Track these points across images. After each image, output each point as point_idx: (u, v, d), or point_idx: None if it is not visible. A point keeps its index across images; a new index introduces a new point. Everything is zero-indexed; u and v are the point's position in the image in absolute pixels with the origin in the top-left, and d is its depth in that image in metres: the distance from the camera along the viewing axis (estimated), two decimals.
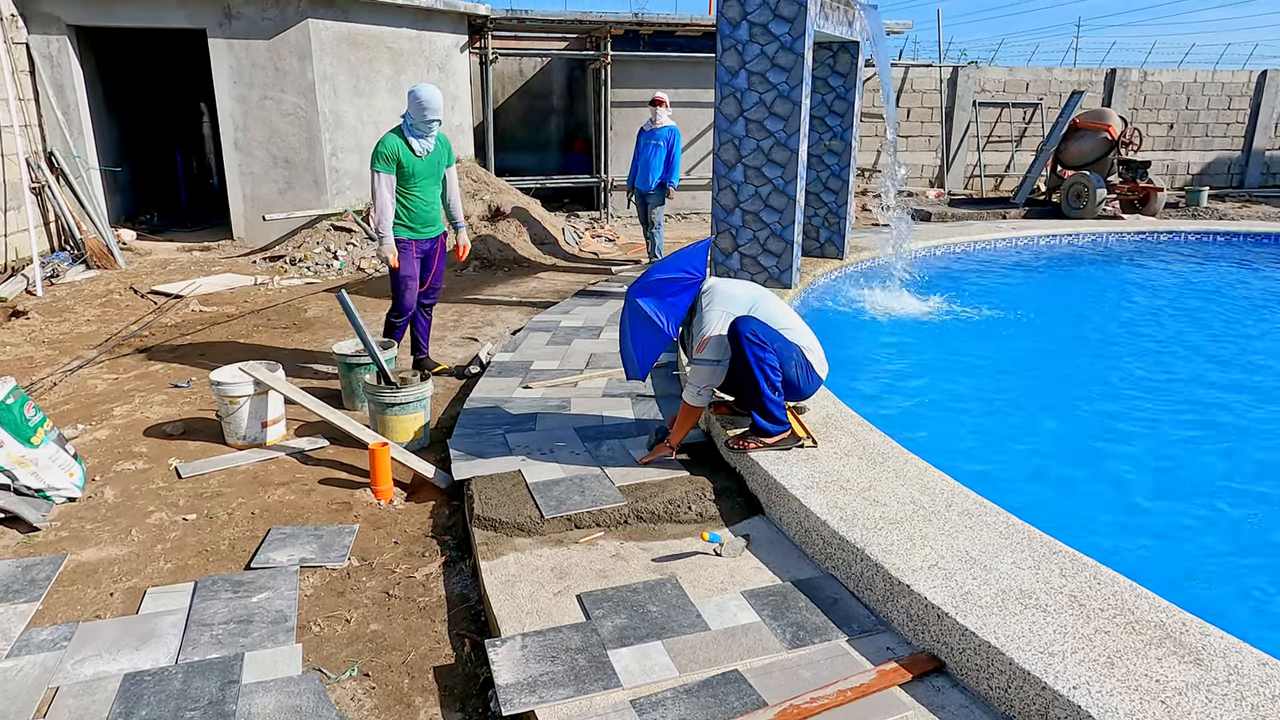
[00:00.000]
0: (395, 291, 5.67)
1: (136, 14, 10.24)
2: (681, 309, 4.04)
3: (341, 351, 5.39)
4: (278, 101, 10.56)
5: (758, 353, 3.91)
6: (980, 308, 8.26)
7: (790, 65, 7.25)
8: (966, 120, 17.34)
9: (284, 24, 10.36)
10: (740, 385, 4.05)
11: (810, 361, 4.13)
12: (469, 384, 5.83)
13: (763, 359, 3.92)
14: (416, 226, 5.59)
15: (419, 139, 5.43)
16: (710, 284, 4.16)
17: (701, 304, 4.10)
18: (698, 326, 4.08)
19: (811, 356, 4.15)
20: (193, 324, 7.48)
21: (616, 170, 14.06)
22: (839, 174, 9.06)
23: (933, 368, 6.77)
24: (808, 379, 4.15)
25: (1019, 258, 11.21)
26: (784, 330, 4.06)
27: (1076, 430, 5.46)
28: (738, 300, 4.07)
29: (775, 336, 3.99)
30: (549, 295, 8.62)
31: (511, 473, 4.17)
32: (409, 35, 11.69)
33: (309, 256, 10.00)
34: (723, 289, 4.12)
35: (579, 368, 5.97)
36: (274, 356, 6.37)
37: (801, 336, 4.15)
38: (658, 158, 9.50)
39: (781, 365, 3.99)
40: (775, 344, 3.96)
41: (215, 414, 5.02)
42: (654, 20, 13.72)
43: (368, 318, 7.50)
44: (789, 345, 4.04)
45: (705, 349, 4.03)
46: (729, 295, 4.09)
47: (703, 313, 4.07)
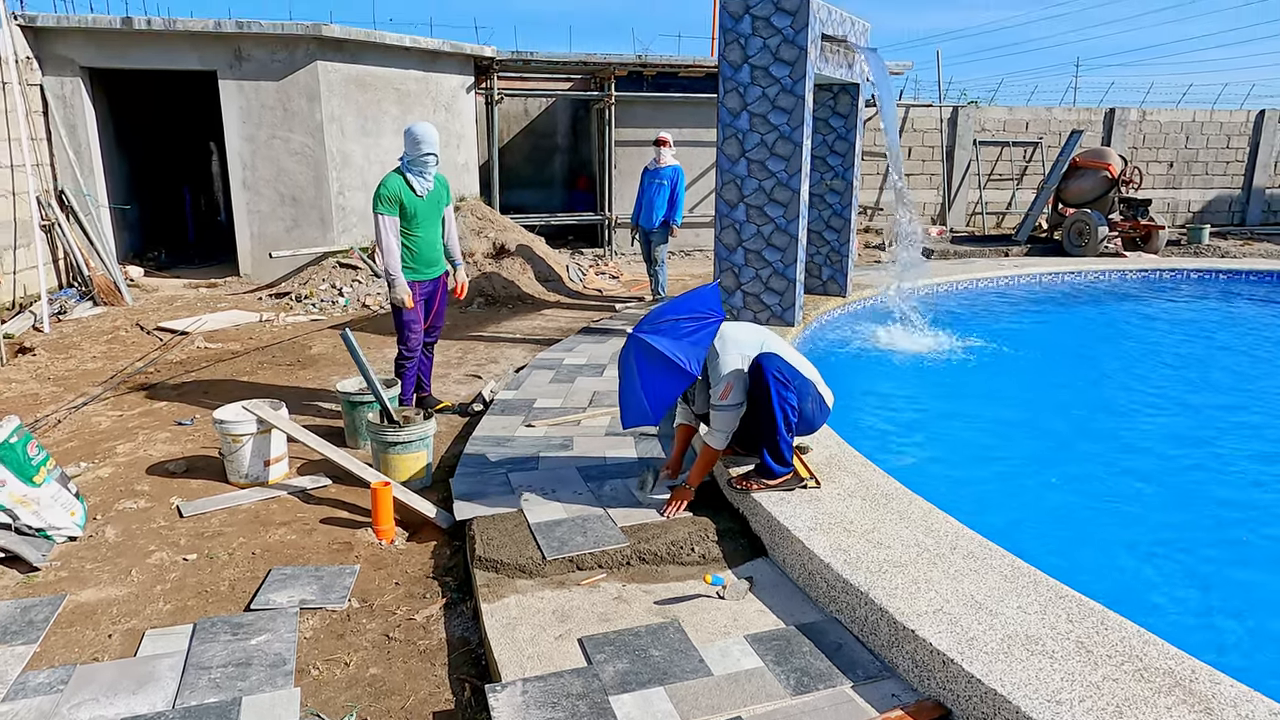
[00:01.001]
0: (400, 333, 5.67)
1: (150, 56, 10.37)
2: (703, 348, 3.94)
3: (345, 390, 5.38)
4: (286, 141, 10.65)
5: (782, 391, 3.90)
6: (985, 346, 8.25)
7: (791, 107, 7.30)
8: (967, 159, 17.43)
9: (293, 66, 10.48)
10: (757, 422, 4.03)
11: (821, 395, 4.15)
12: (472, 422, 5.81)
13: (785, 398, 3.91)
14: (419, 267, 5.59)
15: (418, 177, 5.45)
16: (721, 329, 4.13)
17: (714, 348, 4.06)
18: (714, 371, 4.04)
19: (822, 389, 4.17)
20: (197, 361, 7.48)
21: (620, 208, 14.13)
22: (841, 213, 9.09)
23: (937, 406, 6.74)
24: (820, 413, 4.17)
25: (1023, 295, 11.22)
26: (796, 366, 4.06)
27: (1082, 470, 5.42)
28: (748, 342, 4.07)
29: (795, 374, 4.00)
30: (553, 332, 8.62)
31: (513, 513, 4.13)
32: (416, 76, 11.81)
33: (314, 293, 10.03)
34: (731, 333, 4.11)
35: (582, 406, 5.95)
36: (278, 394, 6.37)
37: (810, 372, 4.14)
38: (661, 196, 9.55)
39: (800, 402, 3.99)
40: (795, 381, 3.97)
41: (218, 452, 5.00)
42: (657, 62, 13.85)
43: (371, 355, 7.50)
44: (806, 382, 4.06)
45: (730, 394, 3.99)
46: (739, 338, 4.08)
47: (720, 357, 4.03)
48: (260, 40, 10.39)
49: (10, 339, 7.87)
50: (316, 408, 6.16)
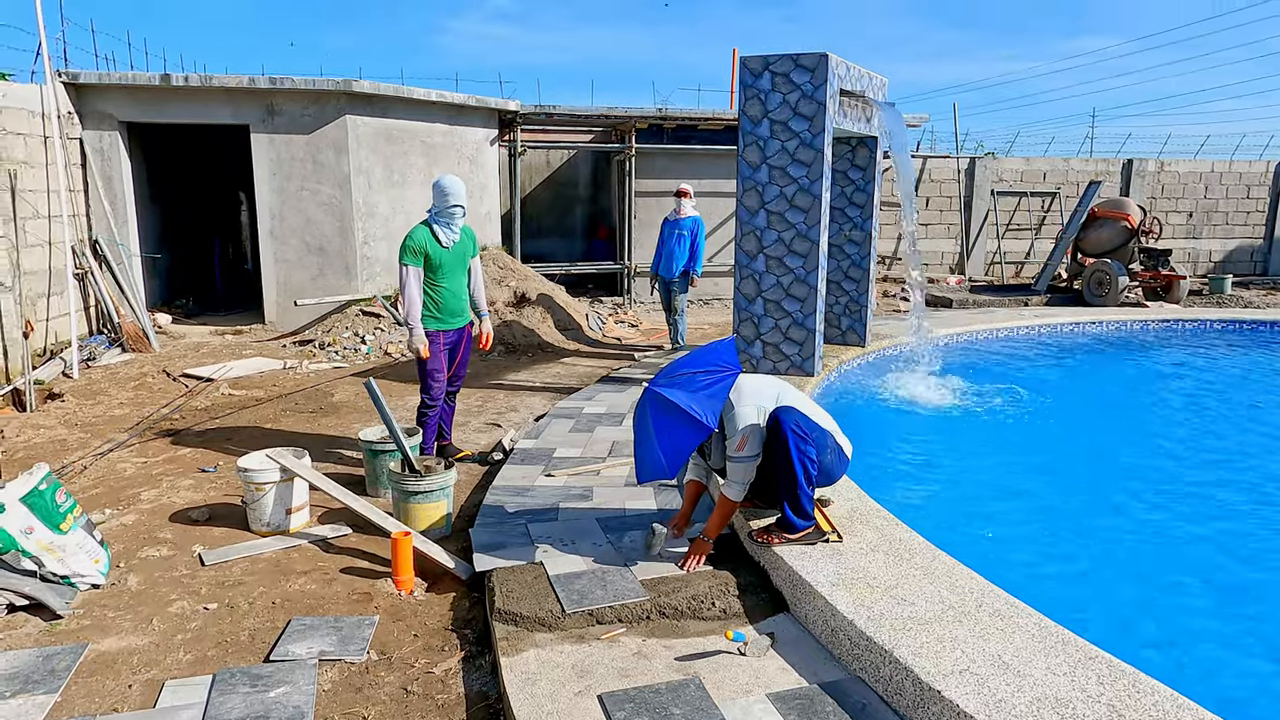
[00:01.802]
0: (423, 383, 5.68)
1: (187, 111, 10.59)
2: (720, 401, 3.92)
3: (367, 438, 5.39)
4: (314, 192, 10.81)
5: (800, 445, 3.86)
6: (1006, 396, 8.18)
7: (810, 160, 7.34)
8: (985, 209, 17.45)
9: (323, 120, 10.66)
10: (775, 477, 3.98)
11: (840, 445, 4.12)
12: (492, 471, 5.79)
13: (804, 451, 3.87)
14: (444, 317, 5.62)
15: (445, 228, 5.50)
16: (737, 381, 4.11)
17: (730, 400, 4.02)
18: (729, 424, 4.00)
19: (840, 439, 4.13)
20: (222, 407, 7.53)
21: (640, 257, 14.20)
22: (859, 263, 9.09)
23: (959, 458, 6.66)
24: (839, 464, 4.14)
25: (1044, 345, 11.15)
26: (814, 418, 4.03)
27: (1110, 525, 5.32)
28: (765, 394, 4.03)
29: (814, 426, 3.97)
30: (572, 381, 8.62)
31: (533, 564, 4.10)
32: (442, 130, 11.99)
33: (337, 341, 10.10)
34: (748, 384, 4.08)
35: (601, 456, 5.92)
36: (300, 441, 6.38)
37: (828, 423, 4.11)
38: (682, 246, 9.60)
39: (819, 455, 3.95)
40: (814, 434, 3.93)
41: (240, 499, 5.00)
42: (677, 114, 14.00)
43: (393, 403, 7.52)
44: (824, 433, 4.02)
45: (746, 446, 3.95)
46: (756, 390, 4.05)
47: (735, 409, 3.99)
48: (292, 95, 10.59)
49: (40, 385, 7.95)
50: (338, 455, 6.17)
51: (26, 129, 9.32)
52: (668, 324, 10.14)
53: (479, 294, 5.93)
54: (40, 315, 9.22)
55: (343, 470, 5.81)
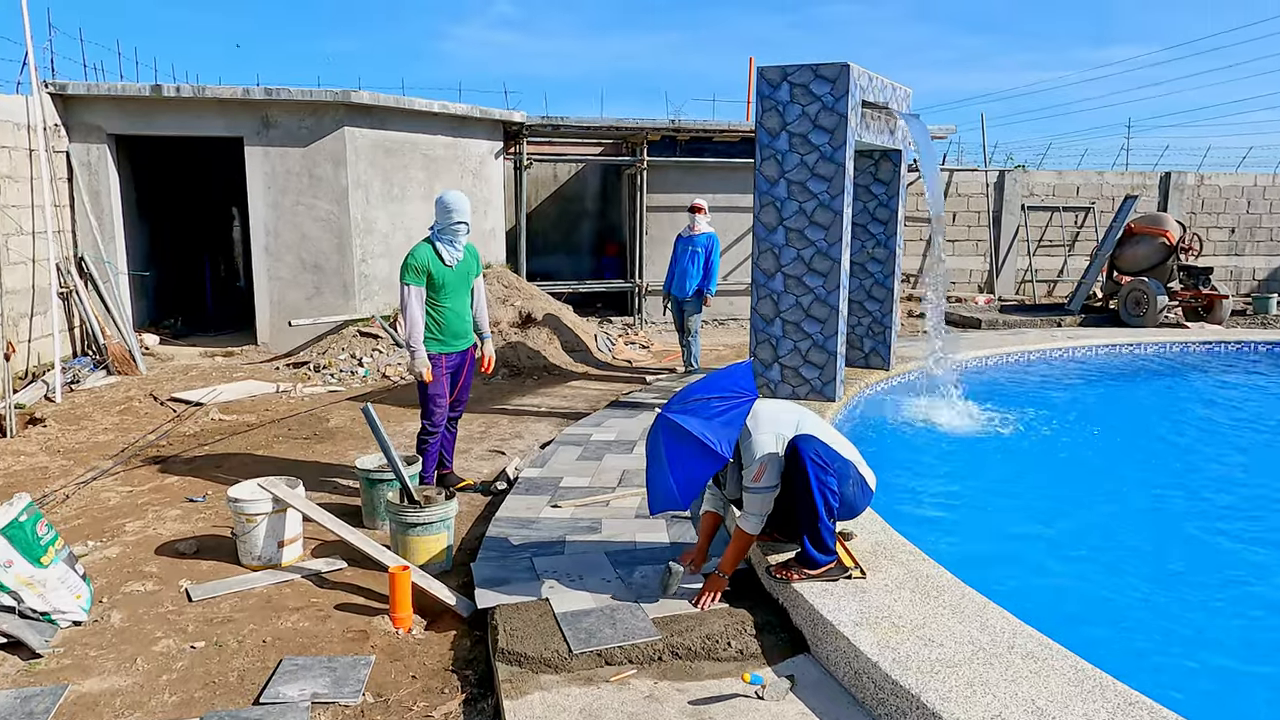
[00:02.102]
0: (424, 408, 5.69)
1: (177, 123, 10.70)
2: (736, 428, 3.91)
3: (364, 466, 5.39)
4: (310, 207, 10.88)
5: (820, 475, 3.84)
6: (1040, 423, 8.13)
7: (831, 175, 7.36)
8: (1015, 224, 17.45)
9: (320, 132, 10.75)
10: (794, 509, 3.96)
11: (863, 476, 4.09)
12: (495, 501, 5.78)
13: (825, 482, 3.85)
14: (446, 339, 5.64)
15: (448, 246, 5.53)
16: (754, 408, 4.09)
17: (747, 427, 4.01)
18: (746, 453, 3.99)
19: (863, 470, 4.11)
20: (212, 433, 7.55)
21: (651, 275, 14.23)
22: (883, 282, 9.09)
23: (990, 489, 6.62)
24: (862, 496, 4.11)
25: (1079, 368, 11.09)
26: (835, 447, 4.01)
27: (1151, 562, 5.27)
28: (783, 421, 4.02)
29: (835, 456, 3.94)
30: (580, 406, 8.62)
31: (538, 601, 4.08)
32: (444, 142, 12.07)
33: (333, 363, 10.13)
34: (766, 410, 4.07)
35: (610, 486, 5.91)
36: (294, 469, 6.39)
37: (850, 452, 4.09)
38: (695, 264, 9.61)
39: (840, 486, 3.93)
40: (835, 464, 3.91)
41: (230, 531, 5.00)
42: (690, 126, 14.07)
43: (392, 429, 7.53)
44: (846, 463, 4.00)
45: (763, 476, 3.93)
46: (774, 417, 4.04)
47: (752, 437, 3.97)
48: (288, 107, 10.69)
49: (21, 409, 7.99)
50: (333, 484, 6.17)
51: (11, 142, 9.42)
52: (681, 346, 10.14)
53: (482, 315, 5.95)
54: (22, 336, 9.28)
55: (338, 500, 5.81)
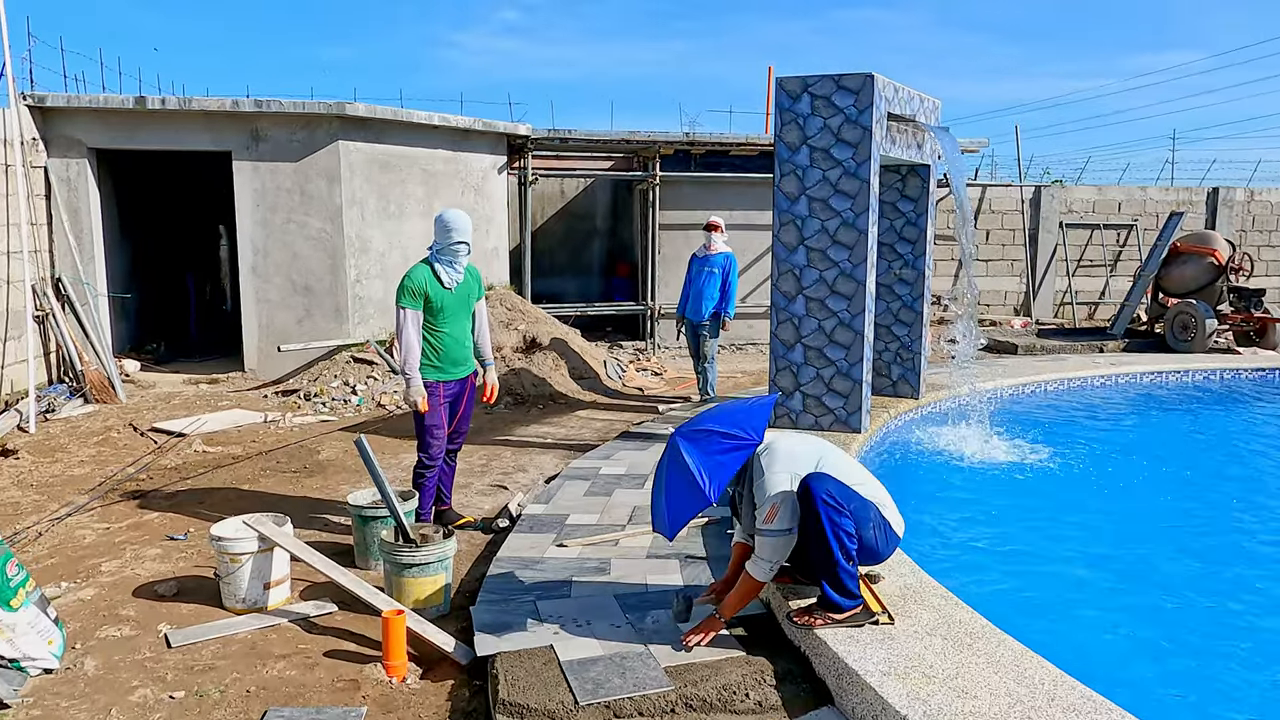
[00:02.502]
0: (421, 440, 5.69)
1: (162, 137, 10.80)
2: (728, 472, 3.93)
3: (357, 502, 5.39)
4: (302, 225, 10.95)
5: (833, 517, 3.80)
6: (1082, 457, 8.09)
7: (855, 191, 7.37)
8: (1053, 243, 17.43)
9: (313, 146, 10.84)
10: (809, 553, 3.93)
11: (887, 519, 4.04)
12: (496, 540, 5.77)
13: (838, 524, 3.80)
14: (445, 366, 5.65)
15: (448, 268, 5.55)
16: (768, 441, 4.07)
17: (760, 464, 4.00)
18: (758, 491, 3.97)
19: (888, 513, 4.06)
20: (194, 466, 7.56)
21: (664, 297, 14.26)
22: (911, 305, 9.08)
23: (1028, 528, 6.59)
24: (886, 541, 4.04)
25: (1122, 398, 11.04)
26: (857, 486, 3.97)
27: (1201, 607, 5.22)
28: (801, 458, 3.99)
29: (851, 496, 3.90)
30: (588, 437, 8.61)
31: (542, 648, 4.06)
32: (444, 157, 12.15)
33: (325, 391, 10.16)
34: (783, 446, 4.04)
35: (620, 523, 5.89)
36: (282, 505, 6.39)
37: (876, 492, 4.06)
38: (711, 286, 9.62)
39: (859, 529, 3.88)
40: (851, 505, 3.86)
41: (213, 572, 5.00)
42: (706, 139, 14.14)
43: (387, 462, 7.53)
44: (865, 504, 3.95)
45: (775, 518, 3.89)
46: (791, 453, 4.01)
47: (765, 474, 3.95)
48: (279, 119, 10.79)
49: None
50: (324, 521, 6.17)
51: None
52: (696, 372, 10.13)
53: (483, 340, 5.96)
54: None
55: (329, 539, 5.81)
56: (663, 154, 14.13)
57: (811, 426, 7.78)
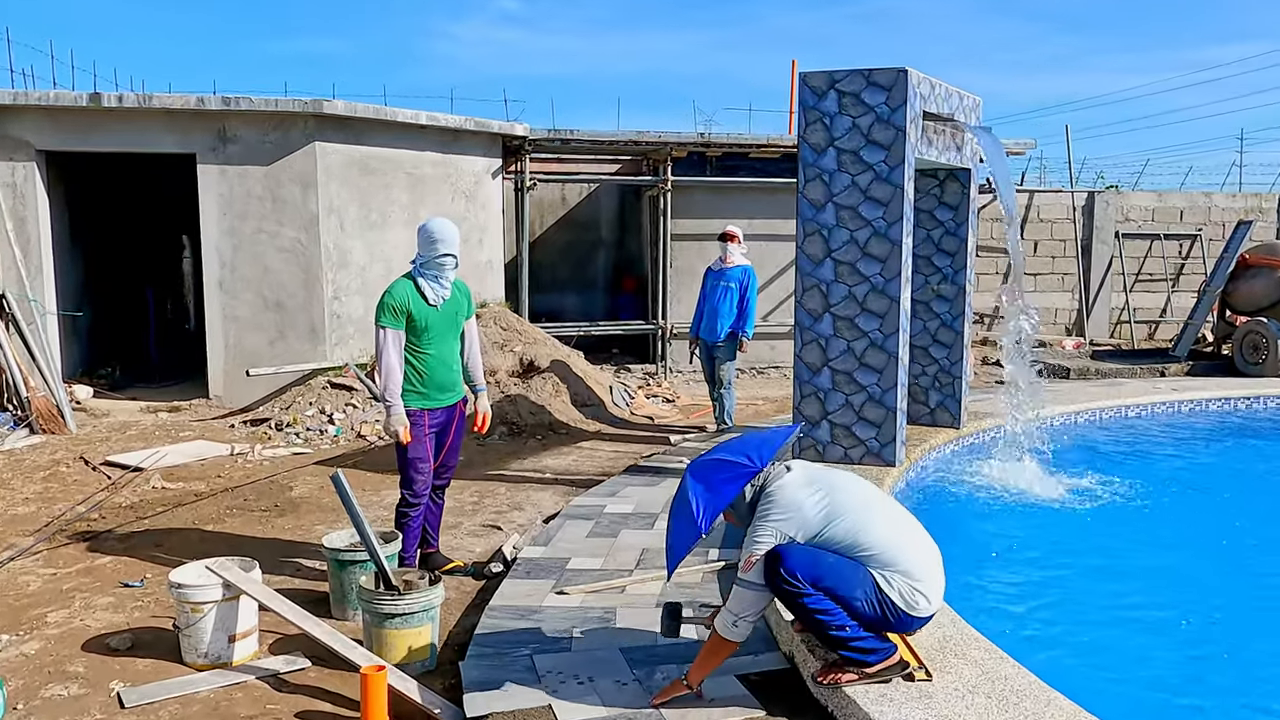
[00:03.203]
0: (404, 474, 5.69)
1: (119, 138, 10.88)
2: (722, 500, 3.92)
3: (333, 545, 5.38)
4: (273, 235, 10.99)
5: (798, 600, 3.79)
6: (1141, 493, 8.05)
7: (887, 198, 7.38)
8: (1108, 255, 17.42)
9: (287, 148, 10.90)
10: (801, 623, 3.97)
11: (890, 596, 3.84)
12: (489, 586, 5.76)
13: (808, 606, 3.79)
14: (430, 392, 5.65)
15: (432, 283, 5.57)
16: (782, 481, 4.01)
17: (760, 508, 3.97)
18: (748, 534, 3.97)
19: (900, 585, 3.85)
20: (152, 504, 7.57)
21: (676, 315, 14.26)
22: (951, 324, 9.07)
23: (1082, 573, 6.56)
24: (897, 619, 3.89)
25: (1186, 427, 10.99)
26: (866, 554, 3.85)
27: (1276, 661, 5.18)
28: (806, 513, 3.90)
29: (831, 571, 3.81)
30: (592, 471, 8.61)
31: (539, 709, 4.05)
32: (432, 159, 12.21)
33: (299, 420, 10.17)
34: (789, 495, 3.95)
35: (628, 568, 5.89)
36: (250, 548, 6.38)
37: (896, 557, 3.89)
38: (728, 302, 9.63)
39: (845, 604, 3.80)
40: (827, 582, 3.78)
41: (172, 623, 4.98)
42: (723, 140, 14.18)
43: (367, 500, 7.53)
44: (850, 581, 3.82)
45: (752, 571, 3.89)
46: (795, 504, 3.92)
47: (755, 523, 3.95)
48: (249, 119, 10.85)
49: None
50: (296, 566, 6.17)
51: None
52: (712, 399, 10.13)
53: (474, 363, 5.97)
54: None
55: (301, 586, 5.81)
56: (675, 157, 14.15)
57: (840, 459, 7.76)
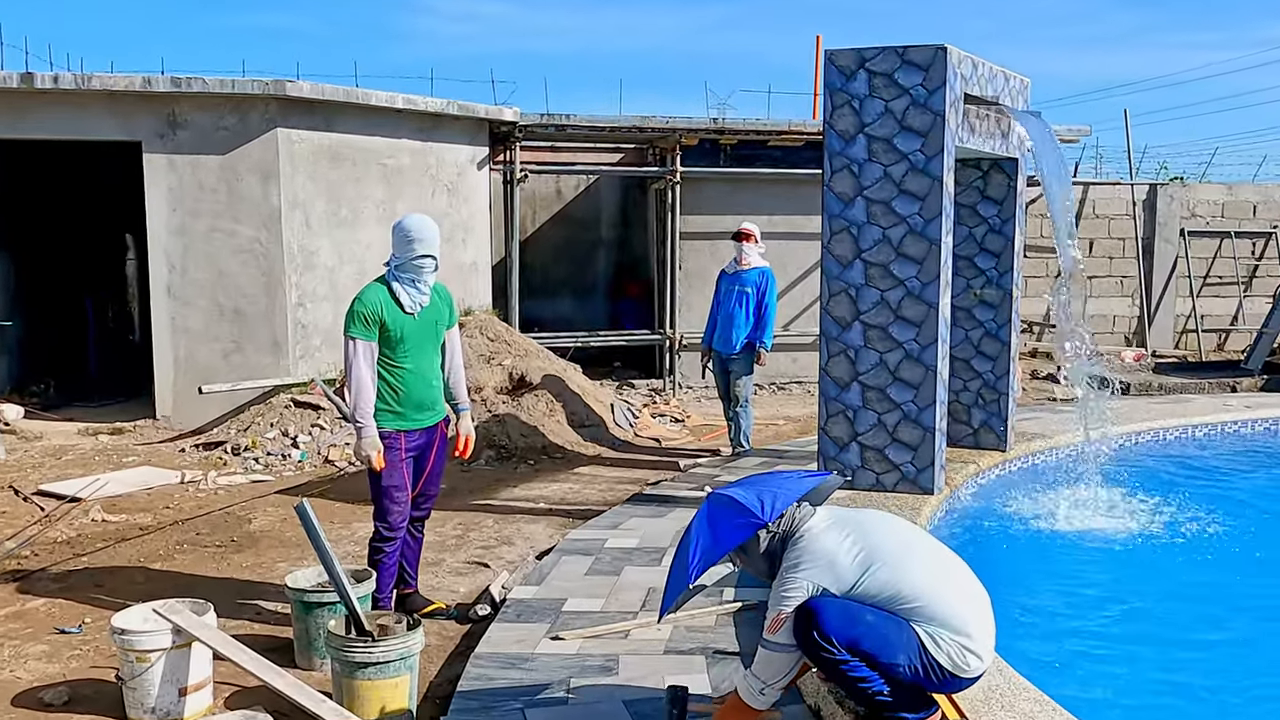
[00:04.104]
0: (378, 505, 5.67)
1: (56, 124, 10.90)
2: (720, 551, 3.94)
3: (298, 585, 5.37)
4: (230, 234, 11.00)
5: (834, 665, 3.76)
6: (1210, 523, 8.04)
7: (924, 192, 7.39)
8: (1172, 255, 17.41)
9: (245, 135, 10.92)
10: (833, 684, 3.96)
11: (937, 658, 3.81)
12: (475, 631, 5.75)
13: (843, 671, 3.76)
14: (407, 412, 5.63)
15: (409, 288, 5.56)
16: (809, 526, 3.99)
17: (787, 559, 3.94)
18: (773, 590, 3.94)
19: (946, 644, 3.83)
20: (92, 539, 7.55)
21: (686, 324, 14.26)
22: (995, 333, 9.08)
23: (1142, 613, 6.57)
24: (941, 680, 3.88)
25: (1260, 449, 10.97)
26: (908, 607, 3.82)
27: None
28: (838, 562, 3.86)
29: (871, 630, 3.77)
30: (591, 501, 8.60)
31: None
32: (410, 148, 12.23)
33: (258, 444, 10.16)
34: (821, 545, 3.92)
35: (632, 610, 5.87)
36: (203, 588, 6.36)
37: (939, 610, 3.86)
38: (744, 309, 9.61)
39: (884, 669, 3.78)
40: (868, 643, 3.75)
41: (115, 674, 4.96)
42: (738, 126, 14.19)
43: (337, 534, 7.52)
44: (891, 645, 3.79)
45: (780, 631, 3.85)
46: (828, 555, 3.89)
47: (783, 575, 3.92)
48: (203, 102, 10.87)
49: None
50: (256, 609, 6.16)
51: None
52: (727, 419, 10.11)
53: (457, 379, 5.96)
54: None
55: (262, 631, 5.79)
56: (684, 145, 14.16)
57: (872, 485, 7.75)
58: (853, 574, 3.83)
